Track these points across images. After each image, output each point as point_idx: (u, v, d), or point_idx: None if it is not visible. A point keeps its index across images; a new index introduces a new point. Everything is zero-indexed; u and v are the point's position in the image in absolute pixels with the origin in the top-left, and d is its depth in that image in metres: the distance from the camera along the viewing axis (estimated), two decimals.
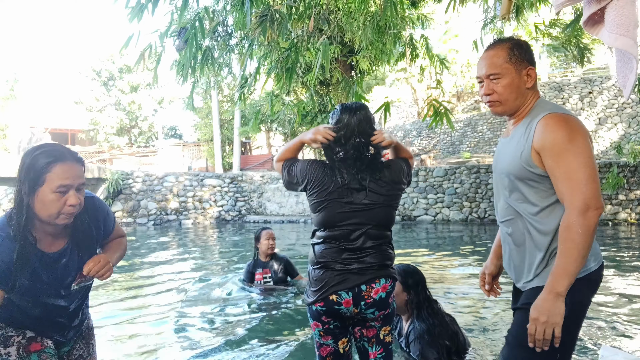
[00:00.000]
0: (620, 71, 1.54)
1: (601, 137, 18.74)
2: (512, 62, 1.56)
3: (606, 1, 1.49)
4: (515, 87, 1.57)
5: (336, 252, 1.86)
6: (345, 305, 1.84)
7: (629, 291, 4.91)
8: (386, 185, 1.90)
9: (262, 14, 3.13)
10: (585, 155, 1.39)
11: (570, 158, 1.39)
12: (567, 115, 1.47)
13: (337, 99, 10.45)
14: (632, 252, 7.61)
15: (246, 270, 4.92)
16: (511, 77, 1.56)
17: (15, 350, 1.52)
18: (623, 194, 11.82)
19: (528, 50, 1.59)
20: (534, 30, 5.45)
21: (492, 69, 1.58)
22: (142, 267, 7.31)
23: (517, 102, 1.58)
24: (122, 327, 4.02)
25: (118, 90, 29.94)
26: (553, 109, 1.51)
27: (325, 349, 1.93)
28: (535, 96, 1.60)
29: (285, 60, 3.82)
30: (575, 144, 1.40)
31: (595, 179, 1.38)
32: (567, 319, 1.39)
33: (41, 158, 1.45)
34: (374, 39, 4.43)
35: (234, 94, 21.22)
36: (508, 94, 1.57)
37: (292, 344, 3.38)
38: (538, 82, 13.75)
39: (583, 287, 1.45)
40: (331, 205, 1.86)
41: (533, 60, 1.60)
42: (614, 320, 3.86)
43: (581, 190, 1.37)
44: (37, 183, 1.44)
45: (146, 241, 11.26)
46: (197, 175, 17.00)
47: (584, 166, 1.38)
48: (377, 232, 1.89)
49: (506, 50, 1.58)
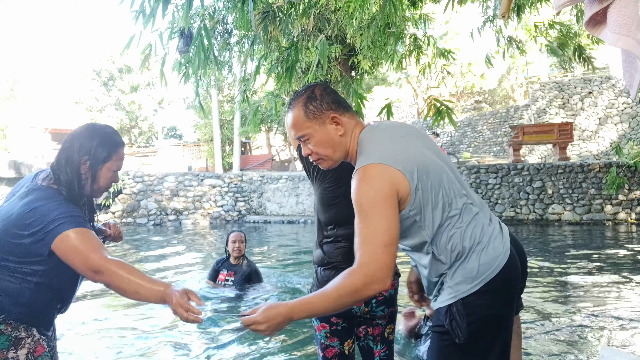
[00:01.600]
0: (626, 71, 1.53)
1: (601, 137, 18.75)
2: (311, 119, 1.46)
3: (608, 1, 1.49)
4: (329, 141, 1.47)
5: (348, 252, 1.81)
6: (358, 305, 1.81)
7: (629, 291, 4.91)
8: None
9: (264, 11, 3.14)
10: (378, 217, 1.30)
11: (367, 213, 1.32)
12: (367, 168, 1.36)
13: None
14: (631, 253, 7.60)
15: (212, 267, 4.93)
16: (319, 132, 1.47)
17: (24, 354, 1.48)
18: (623, 194, 11.82)
19: (325, 98, 1.49)
20: (534, 29, 5.45)
21: (298, 130, 1.48)
22: (141, 267, 7.31)
23: (339, 154, 1.49)
24: (117, 328, 4.02)
25: (118, 90, 29.94)
26: (361, 159, 1.41)
27: (331, 351, 1.91)
28: (355, 139, 1.49)
29: (286, 59, 3.82)
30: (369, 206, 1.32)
31: (387, 243, 1.28)
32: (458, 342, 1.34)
33: (112, 137, 1.63)
34: (375, 39, 4.43)
35: (235, 94, 21.24)
36: (324, 149, 1.48)
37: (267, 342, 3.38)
38: (538, 82, 13.64)
39: (465, 309, 1.35)
40: (344, 201, 1.81)
41: (336, 102, 1.49)
42: (614, 320, 3.86)
43: (372, 256, 1.28)
44: (107, 158, 1.61)
45: (146, 241, 11.26)
46: (197, 175, 16.99)
47: (376, 231, 1.30)
48: None
49: (301, 109, 1.47)
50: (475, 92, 26.41)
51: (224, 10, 4.27)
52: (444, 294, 1.40)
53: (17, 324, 1.49)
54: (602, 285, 5.18)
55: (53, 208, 1.49)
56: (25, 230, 1.47)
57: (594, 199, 12.18)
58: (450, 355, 1.38)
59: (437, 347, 1.42)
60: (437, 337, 1.42)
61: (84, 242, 1.46)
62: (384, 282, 1.28)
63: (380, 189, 1.32)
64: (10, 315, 1.48)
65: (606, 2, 1.48)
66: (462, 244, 1.37)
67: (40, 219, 1.47)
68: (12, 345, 1.46)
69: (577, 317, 3.98)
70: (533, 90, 20.27)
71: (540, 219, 12.51)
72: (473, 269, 1.35)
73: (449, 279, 1.38)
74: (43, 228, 1.46)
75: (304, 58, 4.14)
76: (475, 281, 1.34)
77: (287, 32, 3.56)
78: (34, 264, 1.49)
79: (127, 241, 11.21)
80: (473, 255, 1.36)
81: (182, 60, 3.69)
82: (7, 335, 1.46)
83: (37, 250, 1.47)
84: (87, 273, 1.47)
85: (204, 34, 2.98)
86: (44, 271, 1.51)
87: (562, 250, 7.97)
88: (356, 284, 1.27)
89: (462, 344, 1.34)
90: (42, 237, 1.46)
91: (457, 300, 1.35)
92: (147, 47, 3.26)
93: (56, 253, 1.46)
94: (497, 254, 1.38)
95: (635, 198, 11.83)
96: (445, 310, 1.37)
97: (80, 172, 1.57)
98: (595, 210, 12.13)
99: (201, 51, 3.09)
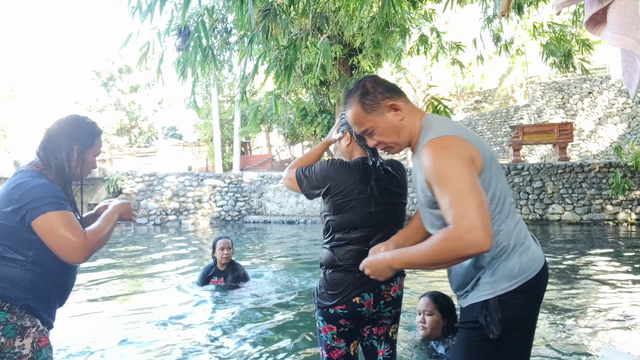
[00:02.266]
0: (625, 71, 1.53)
1: (601, 137, 18.75)
2: (370, 112, 1.50)
3: (608, 1, 1.48)
4: (391, 128, 1.50)
5: (358, 254, 1.80)
6: (367, 307, 1.84)
7: (629, 291, 4.91)
8: (399, 185, 1.94)
9: (265, 9, 3.14)
10: (464, 180, 1.27)
11: (450, 175, 1.29)
12: (443, 138, 1.37)
13: (337, 97, 10.47)
14: (631, 253, 7.60)
15: (202, 274, 4.89)
16: (381, 123, 1.50)
17: (30, 343, 1.52)
18: (623, 194, 11.82)
19: (377, 89, 1.52)
20: (533, 30, 5.45)
21: (360, 126, 1.53)
22: (142, 266, 7.31)
23: (403, 137, 1.51)
24: (121, 328, 4.01)
25: (118, 90, 29.94)
26: (434, 132, 1.42)
27: (337, 352, 1.90)
28: (419, 119, 1.51)
29: (285, 58, 3.82)
30: (451, 170, 1.30)
31: (479, 204, 1.24)
32: (489, 338, 1.37)
33: (95, 127, 1.82)
34: (376, 38, 4.43)
35: (235, 94, 21.24)
36: (389, 137, 1.51)
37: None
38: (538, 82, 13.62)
39: (500, 306, 1.37)
40: (358, 205, 1.84)
41: (389, 90, 1.52)
42: (614, 320, 3.86)
43: (464, 216, 1.23)
44: (91, 144, 1.80)
45: (146, 241, 11.26)
46: (197, 175, 16.98)
47: (466, 192, 1.25)
48: (395, 232, 1.87)
49: (358, 105, 1.51)
50: (475, 92, 26.39)
51: (223, 9, 4.27)
52: (479, 289, 1.41)
53: (22, 312, 1.53)
54: (602, 285, 5.18)
55: (38, 186, 1.59)
56: (9, 206, 1.55)
57: (594, 199, 12.18)
58: (481, 351, 1.40)
59: (467, 343, 1.44)
60: (467, 332, 1.44)
61: (65, 225, 1.56)
62: (483, 243, 1.20)
63: (461, 155, 1.32)
64: (15, 302, 1.52)
65: (606, 1, 1.48)
66: (508, 241, 1.39)
67: (25, 194, 1.56)
68: (18, 334, 1.50)
69: (577, 317, 3.97)
70: (533, 90, 20.27)
71: (540, 219, 12.51)
72: (514, 267, 1.38)
73: (487, 274, 1.40)
74: (27, 204, 1.54)
75: (303, 58, 4.13)
76: (513, 280, 1.38)
77: (287, 31, 3.56)
78: (27, 249, 1.57)
79: (127, 241, 11.21)
80: (515, 255, 1.39)
81: (181, 59, 3.68)
82: (13, 324, 1.50)
83: (22, 230, 1.55)
84: (67, 254, 1.56)
85: (201, 30, 2.98)
86: (38, 257, 1.58)
87: (562, 250, 7.97)
88: (453, 245, 1.22)
89: (493, 340, 1.36)
90: (24, 213, 1.54)
91: (494, 297, 1.37)
92: (145, 44, 3.26)
93: (36, 231, 1.55)
94: (536, 257, 1.43)
95: (635, 198, 11.83)
96: (481, 306, 1.39)
97: (70, 157, 1.74)
98: (595, 210, 12.12)
99: (198, 48, 3.09)
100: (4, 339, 1.47)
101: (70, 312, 4.33)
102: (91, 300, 5.00)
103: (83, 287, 5.51)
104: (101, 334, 3.81)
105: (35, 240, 1.56)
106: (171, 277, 6.13)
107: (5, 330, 1.48)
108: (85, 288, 5.51)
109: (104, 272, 6.66)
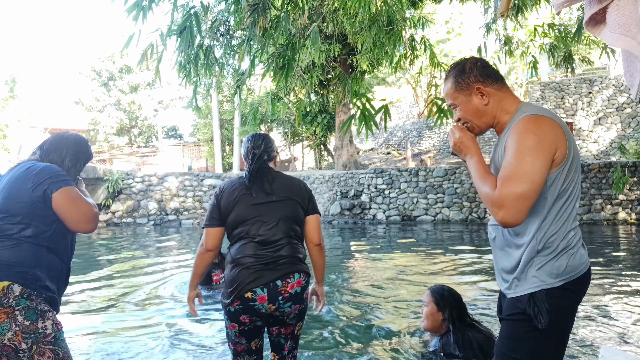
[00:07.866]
0: (627, 71, 1.53)
1: (601, 137, 18.74)
2: (459, 91, 1.63)
3: (607, 1, 1.48)
4: (474, 110, 1.62)
5: (250, 248, 1.99)
6: (260, 302, 1.94)
7: (629, 291, 4.91)
8: (283, 189, 2.11)
9: (254, 4, 3.12)
10: (532, 168, 1.38)
11: (525, 154, 1.40)
12: (540, 117, 1.46)
13: (336, 97, 10.45)
14: (631, 253, 7.60)
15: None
16: (465, 103, 1.63)
17: (50, 324, 1.69)
18: (623, 193, 11.81)
19: (473, 71, 1.62)
20: (533, 32, 5.44)
21: (449, 99, 1.68)
22: (142, 266, 7.31)
23: (484, 120, 1.63)
24: (115, 330, 4.01)
25: (118, 90, 29.90)
26: (533, 110, 1.51)
27: (240, 346, 2.08)
28: (511, 105, 1.60)
29: (282, 56, 3.80)
30: (534, 144, 1.40)
31: (522, 194, 1.36)
32: (542, 329, 1.44)
33: (89, 146, 2.07)
34: (376, 39, 4.42)
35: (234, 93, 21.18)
36: (470, 117, 1.64)
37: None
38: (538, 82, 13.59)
39: (547, 298, 1.46)
40: (239, 204, 2.04)
41: (484, 75, 1.62)
42: (614, 320, 3.86)
43: (504, 194, 1.38)
44: (88, 160, 2.04)
45: (146, 241, 11.26)
46: (197, 175, 16.97)
47: (523, 177, 1.37)
48: (287, 225, 2.05)
49: (452, 81, 1.66)
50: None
51: (225, 12, 4.26)
52: (526, 282, 1.49)
53: (39, 298, 1.70)
54: (602, 286, 5.18)
55: (50, 166, 1.84)
56: (28, 184, 1.74)
57: (594, 199, 12.17)
58: (533, 341, 1.47)
59: (517, 334, 1.51)
60: (515, 324, 1.52)
61: (83, 196, 1.84)
62: (503, 222, 1.38)
63: (545, 140, 1.41)
64: (34, 289, 1.68)
65: (605, 1, 1.48)
66: (560, 241, 1.48)
67: (42, 172, 1.78)
68: (39, 316, 1.68)
69: (576, 317, 3.97)
70: (533, 90, 20.27)
71: None
72: (561, 266, 1.47)
73: (535, 266, 1.48)
74: (48, 179, 1.76)
75: (302, 57, 4.11)
76: (559, 277, 1.47)
77: (284, 30, 3.54)
78: (45, 225, 1.75)
79: (127, 241, 11.21)
80: (564, 256, 1.48)
81: (183, 61, 3.67)
82: (33, 308, 1.67)
83: (41, 206, 1.73)
84: (85, 222, 1.80)
85: (194, 19, 2.97)
86: (53, 237, 1.77)
87: None
88: (487, 200, 1.43)
89: (542, 330, 1.44)
90: (46, 187, 1.74)
91: (541, 290, 1.46)
92: (148, 47, 3.24)
93: (56, 204, 1.74)
94: (583, 261, 1.52)
95: (635, 198, 11.82)
96: (527, 298, 1.47)
97: (73, 169, 1.97)
98: (595, 210, 12.12)
99: (187, 42, 3.10)
100: (28, 322, 1.64)
101: (70, 312, 4.33)
102: (91, 300, 5.00)
103: (83, 288, 5.51)
104: (101, 335, 3.81)
105: (51, 216, 1.75)
106: (172, 277, 6.13)
107: (28, 314, 1.65)
108: (86, 288, 5.51)
109: (104, 272, 6.66)
